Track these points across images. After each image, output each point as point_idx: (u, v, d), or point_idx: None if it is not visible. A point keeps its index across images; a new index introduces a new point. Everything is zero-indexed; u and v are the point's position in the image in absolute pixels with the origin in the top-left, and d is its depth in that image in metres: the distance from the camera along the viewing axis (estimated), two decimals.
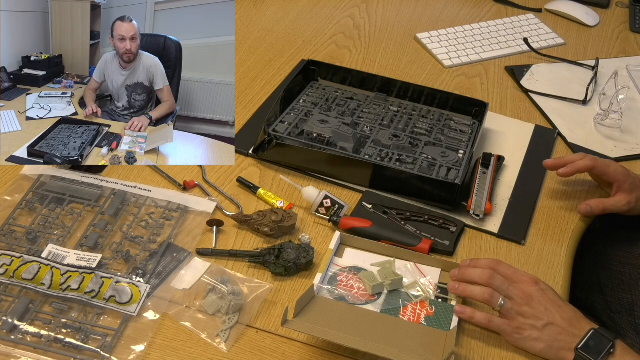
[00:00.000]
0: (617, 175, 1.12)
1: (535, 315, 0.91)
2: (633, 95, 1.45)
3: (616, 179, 1.12)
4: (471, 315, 0.93)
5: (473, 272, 0.95)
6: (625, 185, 1.11)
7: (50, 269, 0.95)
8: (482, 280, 0.94)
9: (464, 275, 0.96)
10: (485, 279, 0.93)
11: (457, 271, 0.97)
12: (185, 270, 0.98)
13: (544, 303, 0.91)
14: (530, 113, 1.39)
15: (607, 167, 1.12)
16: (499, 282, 0.93)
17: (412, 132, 1.25)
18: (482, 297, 0.93)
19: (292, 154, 1.17)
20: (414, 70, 1.49)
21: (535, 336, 0.90)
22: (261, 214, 1.05)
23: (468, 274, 0.95)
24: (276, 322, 0.93)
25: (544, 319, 0.90)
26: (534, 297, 0.91)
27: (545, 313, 0.91)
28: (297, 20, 1.63)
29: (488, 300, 0.93)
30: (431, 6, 1.74)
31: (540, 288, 0.93)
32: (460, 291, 0.95)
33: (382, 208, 1.11)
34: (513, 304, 0.92)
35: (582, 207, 1.12)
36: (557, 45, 1.62)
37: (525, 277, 0.94)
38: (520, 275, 0.94)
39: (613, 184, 1.12)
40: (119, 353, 0.87)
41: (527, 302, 0.91)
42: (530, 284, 0.93)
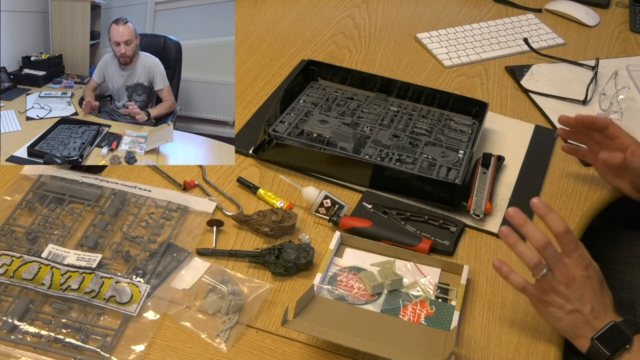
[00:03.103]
0: (630, 139, 1.11)
1: (568, 298, 0.89)
2: (633, 95, 1.45)
3: (630, 143, 1.10)
4: (508, 274, 0.91)
5: (532, 231, 0.90)
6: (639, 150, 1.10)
7: (50, 269, 0.95)
8: (536, 244, 0.89)
9: (522, 227, 0.90)
10: (540, 244, 0.89)
11: (517, 216, 0.91)
12: (185, 270, 0.98)
13: (582, 289, 0.89)
14: (530, 113, 1.39)
15: (621, 130, 1.11)
16: (551, 253, 0.89)
17: (412, 132, 1.25)
18: (528, 262, 0.89)
19: (292, 154, 1.17)
20: (414, 70, 1.49)
21: (559, 315, 0.90)
22: (261, 214, 1.05)
23: (527, 229, 0.90)
24: (276, 322, 0.93)
25: (575, 304, 0.89)
26: (577, 280, 0.89)
27: (578, 299, 0.89)
28: (297, 20, 1.63)
29: (532, 267, 0.90)
30: (431, 6, 1.74)
31: (587, 274, 0.90)
32: (510, 242, 0.90)
33: (382, 208, 1.11)
34: (553, 279, 0.89)
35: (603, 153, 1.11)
36: (557, 45, 1.62)
37: (580, 259, 0.90)
38: (577, 255, 0.90)
39: (626, 149, 1.10)
40: (119, 353, 0.87)
41: (567, 283, 0.89)
42: (581, 267, 0.90)
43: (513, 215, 0.91)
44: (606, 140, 1.14)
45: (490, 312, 0.98)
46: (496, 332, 0.95)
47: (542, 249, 0.89)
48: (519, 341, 0.94)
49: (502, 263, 0.91)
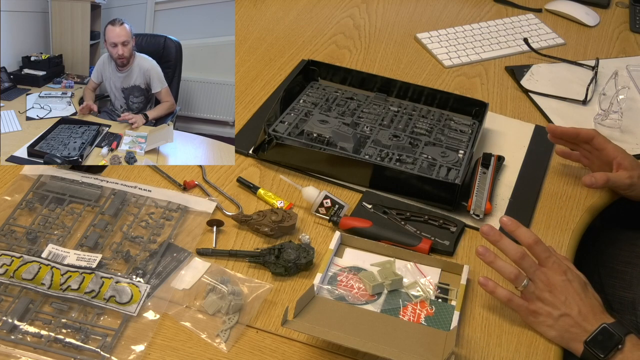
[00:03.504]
0: (617, 152, 1.13)
1: (554, 304, 0.92)
2: (633, 95, 1.45)
3: (615, 156, 1.12)
4: (493, 289, 0.95)
5: (507, 246, 0.94)
6: (625, 162, 1.12)
7: (50, 269, 0.95)
8: (512, 257, 0.93)
9: (497, 243, 0.94)
10: (516, 257, 0.93)
11: (492, 233, 0.94)
12: (185, 270, 0.98)
13: (565, 293, 0.92)
14: (530, 113, 1.39)
15: (607, 142, 1.14)
16: (528, 264, 0.93)
17: (412, 132, 1.25)
18: (508, 275, 0.94)
19: (292, 154, 1.17)
20: (414, 70, 1.49)
21: (549, 323, 0.92)
22: (261, 214, 1.05)
23: (502, 244, 0.94)
24: (276, 322, 0.93)
25: (561, 309, 0.91)
26: (557, 286, 0.92)
27: (563, 303, 0.91)
28: (297, 20, 1.63)
29: (512, 280, 0.93)
30: (431, 6, 1.74)
31: (567, 278, 0.93)
32: (488, 260, 0.95)
33: (382, 208, 1.11)
34: (535, 288, 0.93)
35: (586, 178, 1.12)
36: (557, 45, 1.62)
37: (556, 265, 0.93)
38: (551, 262, 0.93)
39: (612, 161, 1.13)
40: (119, 353, 0.87)
41: (550, 290, 0.92)
42: (559, 272, 0.93)
43: (488, 232, 0.95)
44: (594, 151, 1.16)
45: (490, 312, 0.98)
46: (496, 332, 0.95)
47: (518, 260, 0.93)
48: (519, 341, 0.94)
49: (487, 279, 0.96)
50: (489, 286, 0.95)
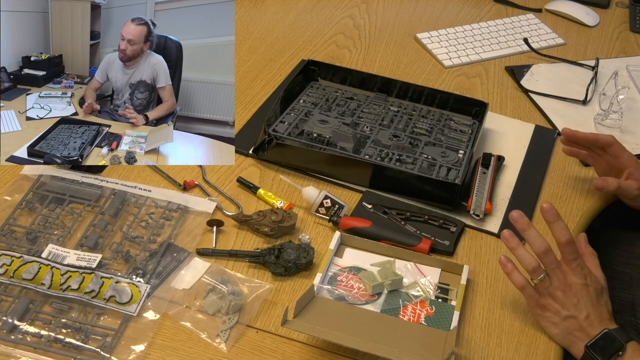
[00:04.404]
0: (631, 161, 1.13)
1: (564, 304, 0.91)
2: (633, 95, 1.45)
3: (628, 165, 1.12)
4: (510, 272, 0.94)
5: (534, 237, 0.92)
6: (637, 173, 1.12)
7: (50, 269, 0.95)
8: (536, 250, 0.92)
9: (525, 232, 0.93)
10: (540, 250, 0.91)
11: (521, 220, 0.93)
12: (185, 270, 0.98)
13: (578, 296, 0.91)
14: (530, 113, 1.39)
15: (623, 151, 1.13)
16: (550, 259, 0.92)
17: (412, 132, 1.25)
18: (527, 265, 0.92)
19: (292, 154, 1.17)
20: (414, 70, 1.49)
21: (554, 320, 0.92)
22: (261, 214, 1.05)
23: (529, 234, 0.92)
24: (276, 322, 0.93)
25: (570, 310, 0.91)
26: (573, 288, 0.91)
27: (574, 306, 0.91)
28: (297, 20, 1.63)
29: (530, 271, 0.92)
30: (431, 6, 1.74)
31: (585, 282, 0.92)
32: (511, 245, 0.94)
33: (382, 208, 1.11)
34: (550, 284, 0.92)
35: (598, 181, 1.11)
36: (557, 45, 1.62)
37: (578, 268, 0.92)
38: (575, 264, 0.92)
39: (624, 170, 1.13)
40: (119, 353, 0.87)
41: (564, 290, 0.92)
42: (578, 275, 0.92)
43: (517, 218, 0.93)
44: (606, 156, 1.16)
45: (490, 312, 0.98)
46: (496, 332, 0.95)
47: (542, 254, 0.92)
48: (519, 341, 0.94)
49: (507, 260, 0.95)
50: (507, 267, 0.94)
